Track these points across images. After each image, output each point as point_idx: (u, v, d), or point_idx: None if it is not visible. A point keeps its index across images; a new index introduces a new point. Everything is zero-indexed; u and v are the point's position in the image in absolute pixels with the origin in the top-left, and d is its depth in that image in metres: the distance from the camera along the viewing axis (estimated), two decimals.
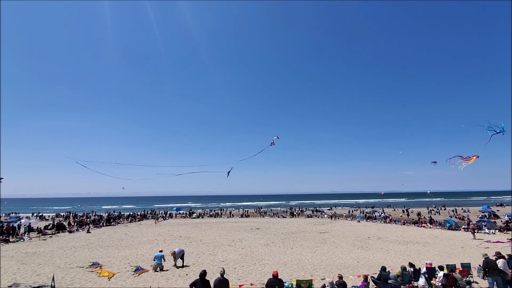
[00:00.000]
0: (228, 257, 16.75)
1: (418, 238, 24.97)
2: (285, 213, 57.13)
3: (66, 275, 12.94)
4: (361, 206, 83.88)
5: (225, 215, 56.21)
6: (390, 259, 16.27)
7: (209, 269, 13.02)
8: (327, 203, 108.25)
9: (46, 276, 12.49)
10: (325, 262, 15.52)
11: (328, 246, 20.62)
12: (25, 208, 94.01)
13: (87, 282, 11.85)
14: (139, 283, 11.78)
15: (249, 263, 15.19)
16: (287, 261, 15.75)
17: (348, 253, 17.91)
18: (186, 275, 12.87)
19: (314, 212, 56.25)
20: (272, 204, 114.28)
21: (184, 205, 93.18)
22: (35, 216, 54.17)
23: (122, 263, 15.35)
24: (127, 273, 13.36)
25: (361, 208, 73.17)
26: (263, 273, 13.06)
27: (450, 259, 15.80)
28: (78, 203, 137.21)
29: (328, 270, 13.75)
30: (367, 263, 15.25)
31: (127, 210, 71.29)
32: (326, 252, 18.22)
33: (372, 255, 17.37)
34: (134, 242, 22.93)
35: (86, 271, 13.66)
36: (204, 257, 17.02)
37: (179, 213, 57.66)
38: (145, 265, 14.71)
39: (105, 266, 14.67)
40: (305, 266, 14.58)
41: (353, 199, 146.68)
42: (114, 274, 13.03)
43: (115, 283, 11.71)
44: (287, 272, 13.36)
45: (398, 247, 20.46)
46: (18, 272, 13.44)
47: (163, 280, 12.13)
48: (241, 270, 13.83)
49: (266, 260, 15.89)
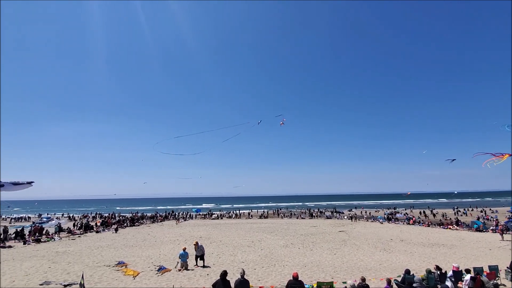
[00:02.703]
0: (247, 258, 16.87)
1: (443, 240, 23.96)
2: (304, 214, 56.56)
3: (94, 273, 13.58)
4: (383, 207, 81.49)
5: (244, 216, 56.51)
6: (414, 262, 15.73)
7: (229, 269, 13.17)
8: (347, 204, 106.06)
9: (76, 275, 13.15)
10: (346, 264, 15.25)
11: (349, 248, 20.24)
12: (56, 209, 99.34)
13: (113, 281, 12.37)
14: (162, 282, 12.14)
15: (269, 264, 15.22)
16: (307, 262, 15.64)
17: (370, 256, 17.49)
18: (207, 275, 13.11)
19: (334, 213, 55.27)
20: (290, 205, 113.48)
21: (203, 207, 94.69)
22: (65, 217, 57.12)
23: (146, 263, 15.87)
24: (151, 272, 13.80)
25: (383, 209, 71.11)
26: (283, 275, 13.05)
27: (477, 262, 15.14)
28: (104, 204, 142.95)
29: (349, 272, 13.51)
30: (390, 266, 14.83)
31: (149, 211, 73.36)
32: (347, 254, 17.90)
33: (395, 258, 16.86)
34: (157, 242, 23.61)
35: (112, 270, 14.25)
36: (224, 257, 17.25)
37: (199, 214, 58.60)
38: (167, 264, 15.13)
39: (130, 265, 15.25)
40: (325, 268, 14.41)
41: (375, 200, 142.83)
42: (138, 273, 13.51)
43: (140, 282, 12.14)
44: (307, 274, 13.26)
45: (423, 249, 19.73)
46: (49, 271, 14.23)
47: (185, 280, 12.42)
48: (260, 271, 13.89)
49: (286, 262, 15.85)
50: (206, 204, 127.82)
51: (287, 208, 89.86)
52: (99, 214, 59.76)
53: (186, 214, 56.79)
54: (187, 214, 56.85)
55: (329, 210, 65.95)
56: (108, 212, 69.82)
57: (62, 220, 45.63)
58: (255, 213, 64.11)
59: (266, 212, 61.82)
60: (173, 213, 59.87)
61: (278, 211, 68.15)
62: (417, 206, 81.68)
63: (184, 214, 56.70)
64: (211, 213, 59.57)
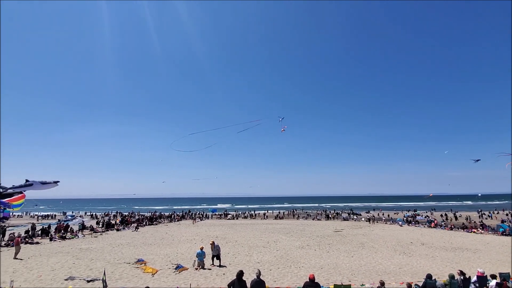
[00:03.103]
0: (263, 259, 16.89)
1: (467, 244, 22.95)
2: (320, 215, 55.87)
3: (115, 270, 14.06)
4: (402, 209, 79.11)
5: (259, 216, 56.56)
6: (436, 267, 15.17)
7: (245, 269, 13.19)
8: (364, 206, 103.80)
9: (98, 271, 13.67)
10: (364, 267, 14.94)
11: (367, 250, 19.80)
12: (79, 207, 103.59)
13: (133, 278, 12.76)
14: (179, 280, 12.39)
15: (285, 266, 15.16)
16: (323, 264, 15.45)
17: (389, 259, 17.03)
18: (223, 275, 13.25)
19: (351, 215, 54.24)
20: (306, 206, 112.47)
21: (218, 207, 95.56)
22: (88, 215, 59.48)
23: (164, 261, 16.25)
24: (169, 270, 14.12)
25: (402, 211, 69.06)
26: (299, 276, 12.97)
27: (504, 267, 14.43)
28: (124, 204, 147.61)
29: (367, 275, 13.22)
30: (410, 270, 14.39)
31: (166, 210, 74.95)
32: (365, 257, 17.52)
33: (415, 262, 16.33)
34: (174, 241, 24.11)
35: (132, 267, 14.71)
36: (240, 257, 17.35)
37: (215, 214, 59.27)
38: (185, 263, 15.43)
39: (149, 263, 15.67)
40: (342, 270, 14.18)
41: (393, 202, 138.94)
42: (157, 271, 13.87)
43: (158, 280, 12.45)
44: (323, 276, 13.11)
45: (445, 253, 18.98)
46: (73, 267, 14.88)
47: (202, 279, 12.61)
48: (276, 272, 13.87)
49: (302, 263, 15.74)
50: (221, 204, 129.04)
51: (302, 209, 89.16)
52: (119, 213, 61.77)
53: (202, 214, 57.59)
54: (203, 214, 57.64)
55: (345, 211, 64.84)
56: (128, 211, 72.04)
57: (85, 218, 47.57)
58: (270, 213, 64.02)
59: (281, 213, 61.60)
60: (189, 212, 60.93)
61: (293, 212, 67.76)
62: (439, 208, 78.62)
63: (201, 214, 57.52)
64: (226, 213, 60.07)
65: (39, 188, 41.42)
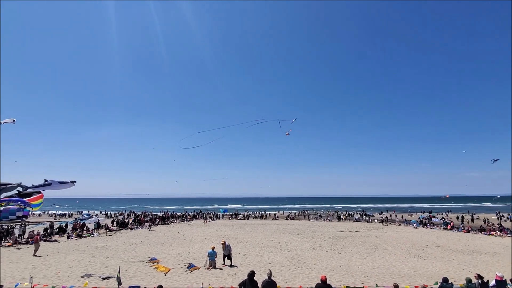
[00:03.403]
0: (274, 259, 16.87)
1: (485, 247, 22.18)
2: (331, 216, 55.29)
3: (129, 268, 14.38)
4: (417, 210, 77.30)
5: (270, 217, 56.49)
6: (453, 270, 14.74)
7: (256, 270, 13.23)
8: (377, 207, 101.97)
9: (113, 269, 14.01)
10: (377, 269, 14.68)
11: (380, 252, 19.45)
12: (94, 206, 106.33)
13: (146, 276, 13.01)
14: (191, 279, 12.54)
15: (296, 267, 15.10)
16: (335, 266, 15.29)
17: (403, 261, 16.68)
18: (234, 275, 13.32)
19: (363, 216, 53.39)
20: (317, 207, 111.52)
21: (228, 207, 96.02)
22: (102, 214, 60.97)
23: (176, 260, 16.48)
24: (181, 269, 14.31)
25: (417, 212, 67.47)
26: (310, 278, 12.88)
27: None
28: (137, 203, 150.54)
29: (380, 278, 12.99)
30: (426, 273, 14.04)
31: (177, 210, 75.91)
32: (378, 259, 17.22)
33: (431, 265, 15.92)
34: (186, 241, 24.40)
35: (145, 266, 14.99)
36: (251, 258, 17.39)
37: (226, 214, 59.60)
38: (196, 262, 15.60)
39: (162, 261, 15.93)
40: (354, 272, 13.99)
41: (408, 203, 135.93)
42: (169, 269, 14.08)
43: (171, 278, 12.64)
44: (335, 277, 12.97)
45: (462, 257, 18.42)
46: (89, 264, 15.31)
47: (213, 278, 12.72)
48: (287, 273, 13.82)
49: (313, 264, 15.62)
50: (231, 204, 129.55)
51: (313, 210, 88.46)
52: (133, 212, 63.02)
53: (213, 214, 58.02)
54: (214, 214, 58.06)
55: (358, 212, 63.88)
56: (140, 210, 73.39)
57: (100, 217, 48.80)
58: (281, 214, 63.84)
59: (292, 214, 61.31)
60: (201, 212, 61.52)
61: (304, 212, 67.32)
62: (455, 210, 76.43)
63: (212, 214, 57.96)
64: (237, 213, 60.30)
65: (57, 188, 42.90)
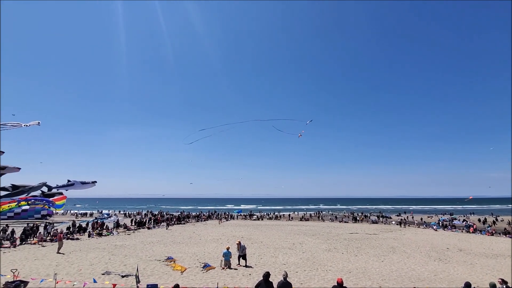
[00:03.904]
0: (289, 261, 16.79)
1: (510, 251, 21.12)
2: (347, 217, 54.35)
3: (147, 266, 14.73)
4: (437, 212, 74.69)
5: (284, 218, 56.26)
6: (476, 274, 14.15)
7: (270, 271, 13.14)
8: (395, 209, 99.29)
9: (131, 267, 14.40)
10: (396, 273, 14.30)
11: (398, 255, 18.94)
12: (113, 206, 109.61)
13: (163, 274, 13.28)
14: (207, 279, 12.69)
15: (311, 268, 14.96)
16: (351, 268, 15.03)
17: (423, 265, 16.16)
18: (249, 275, 13.36)
19: (380, 218, 52.13)
20: (332, 208, 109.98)
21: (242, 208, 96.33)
22: (121, 214, 62.76)
23: (192, 259, 16.72)
24: (197, 268, 14.51)
25: (437, 214, 65.20)
26: (326, 280, 12.73)
27: None
28: (153, 203, 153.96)
29: (399, 282, 12.66)
30: (447, 278, 13.55)
31: (192, 210, 76.93)
32: (396, 262, 16.77)
33: (452, 269, 15.35)
34: (201, 240, 24.71)
35: (162, 264, 15.31)
36: (265, 258, 17.39)
37: (240, 214, 59.87)
38: (212, 262, 15.77)
39: (178, 261, 16.21)
40: (372, 275, 13.70)
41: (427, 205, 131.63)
42: (186, 269, 14.31)
43: (187, 277, 12.84)
44: (352, 280, 12.75)
45: (486, 261, 17.63)
46: (109, 262, 15.81)
47: (229, 278, 12.82)
48: (303, 274, 13.72)
49: (329, 266, 15.42)
50: (245, 205, 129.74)
51: (328, 211, 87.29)
52: (150, 212, 64.47)
53: (228, 214, 58.44)
54: (229, 215, 58.46)
55: (374, 214, 62.47)
56: (157, 210, 74.98)
57: (119, 216, 50.23)
58: (296, 215, 63.42)
59: (307, 215, 60.77)
60: (215, 213, 62.11)
61: (319, 213, 66.58)
62: (478, 212, 73.19)
63: (226, 214, 58.39)
64: (251, 214, 60.45)
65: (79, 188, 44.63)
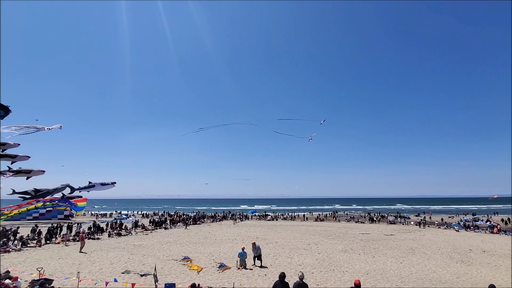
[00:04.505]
0: (304, 261, 16.68)
1: None
2: (363, 218, 53.33)
3: (164, 266, 15.06)
4: (458, 212, 72.01)
5: (299, 218, 55.90)
6: (500, 277, 13.55)
7: (286, 271, 13.15)
8: (413, 209, 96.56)
9: (150, 266, 14.75)
10: (415, 275, 13.92)
11: (418, 257, 18.40)
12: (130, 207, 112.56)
13: (181, 274, 13.53)
14: (223, 279, 12.82)
15: (327, 269, 14.80)
16: (369, 270, 14.75)
17: (444, 267, 15.64)
18: (265, 275, 13.39)
19: (398, 218, 50.82)
20: (348, 208, 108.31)
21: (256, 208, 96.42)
22: (139, 214, 64.42)
23: (208, 259, 16.93)
24: (212, 268, 14.68)
25: (458, 215, 62.86)
26: (342, 281, 12.57)
27: None
28: (169, 204, 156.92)
29: (419, 284, 12.31)
30: (470, 280, 13.06)
31: (206, 211, 77.78)
32: (416, 264, 16.31)
33: (475, 271, 14.77)
34: (217, 241, 24.96)
35: (179, 264, 15.60)
36: (280, 259, 17.35)
37: (254, 215, 60.00)
38: (227, 262, 15.91)
39: (194, 260, 16.46)
40: (390, 277, 13.39)
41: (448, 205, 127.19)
42: (202, 268, 14.52)
43: (203, 277, 13.01)
44: (369, 282, 12.52)
45: (510, 262, 16.86)
46: (128, 261, 16.26)
47: (244, 279, 12.89)
48: (319, 275, 13.59)
49: (345, 268, 15.20)
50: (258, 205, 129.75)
51: (344, 211, 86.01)
52: (167, 213, 65.79)
53: (242, 215, 58.71)
54: (243, 215, 58.72)
55: (392, 214, 60.99)
56: (173, 210, 76.36)
57: (137, 217, 51.63)
58: (310, 215, 62.88)
59: (322, 215, 60.12)
60: (230, 213, 62.54)
61: (334, 214, 65.73)
62: (502, 212, 69.92)
63: (241, 215, 58.68)
64: (266, 214, 60.44)
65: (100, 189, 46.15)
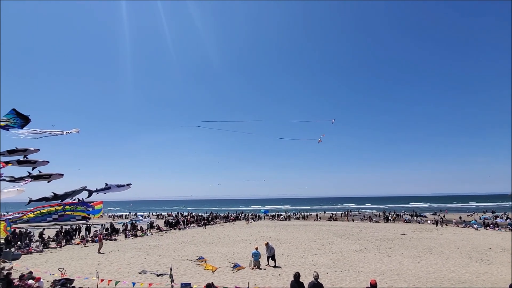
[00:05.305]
0: (318, 261, 16.60)
1: None
2: (378, 217, 52.44)
3: (179, 266, 15.33)
4: (477, 210, 69.74)
5: (312, 218, 55.55)
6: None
7: (300, 271, 13.14)
8: (430, 207, 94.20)
9: (165, 266, 15.04)
10: (433, 275, 13.62)
11: (435, 256, 17.98)
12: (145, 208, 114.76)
13: (196, 274, 13.76)
14: (237, 279, 12.94)
15: (342, 269, 14.68)
16: (385, 270, 14.54)
17: (463, 267, 15.23)
18: (279, 275, 13.43)
19: (414, 217, 49.69)
20: (361, 207, 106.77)
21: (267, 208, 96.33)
22: (154, 215, 65.67)
23: (222, 259, 17.12)
24: (227, 268, 14.84)
25: (477, 213, 60.88)
26: (358, 281, 12.45)
27: None
28: (182, 205, 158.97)
29: (437, 284, 12.04)
30: (490, 279, 12.67)
31: (219, 211, 78.30)
32: (434, 264, 15.95)
33: (496, 270, 14.31)
34: (230, 241, 25.16)
35: (194, 264, 15.85)
36: (294, 259, 17.34)
37: (267, 215, 60.01)
38: (241, 262, 16.04)
39: (209, 260, 16.69)
40: (407, 277, 13.16)
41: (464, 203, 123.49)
42: (216, 268, 14.70)
43: (218, 277, 13.18)
44: (386, 282, 12.35)
45: None
46: (145, 261, 16.66)
47: (258, 279, 12.97)
48: (333, 275, 13.51)
49: (361, 268, 15.04)
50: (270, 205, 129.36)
51: (358, 210, 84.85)
52: (180, 214, 66.73)
53: (255, 215, 58.83)
54: (256, 215, 58.83)
55: (407, 213, 59.68)
56: (186, 211, 77.35)
57: (152, 218, 52.68)
58: (324, 215, 62.37)
59: (336, 214, 59.50)
60: (242, 213, 62.81)
61: (348, 213, 64.93)
62: None
63: (253, 215, 58.82)
64: (279, 214, 60.37)
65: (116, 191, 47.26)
